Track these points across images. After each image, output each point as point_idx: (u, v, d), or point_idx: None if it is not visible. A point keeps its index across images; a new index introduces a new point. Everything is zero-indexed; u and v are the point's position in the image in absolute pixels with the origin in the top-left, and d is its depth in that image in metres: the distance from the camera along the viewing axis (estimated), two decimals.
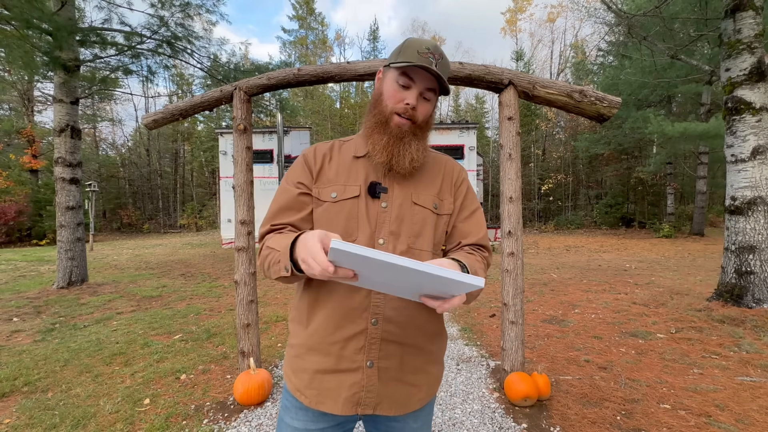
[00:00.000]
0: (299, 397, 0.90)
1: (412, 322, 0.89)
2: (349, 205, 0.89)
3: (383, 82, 0.93)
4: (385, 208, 0.90)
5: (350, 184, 0.91)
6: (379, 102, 0.91)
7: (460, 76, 2.47)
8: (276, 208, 0.93)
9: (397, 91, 0.88)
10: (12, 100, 19.76)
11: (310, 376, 0.88)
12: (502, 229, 2.54)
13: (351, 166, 0.94)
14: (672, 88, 12.82)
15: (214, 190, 26.74)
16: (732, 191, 4.17)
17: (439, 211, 0.94)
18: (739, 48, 4.05)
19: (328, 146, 0.98)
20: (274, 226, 0.91)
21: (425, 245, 0.91)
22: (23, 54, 5.06)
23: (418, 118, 0.90)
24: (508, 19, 32.69)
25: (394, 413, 0.90)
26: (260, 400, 2.43)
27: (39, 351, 3.41)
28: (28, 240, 16.69)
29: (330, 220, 0.89)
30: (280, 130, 11.27)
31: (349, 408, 0.86)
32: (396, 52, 0.90)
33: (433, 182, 0.96)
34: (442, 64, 0.87)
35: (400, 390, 0.89)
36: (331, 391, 0.86)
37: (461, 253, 0.92)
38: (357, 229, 0.88)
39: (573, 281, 6.33)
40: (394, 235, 0.89)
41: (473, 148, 13.40)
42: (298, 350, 0.92)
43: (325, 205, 0.90)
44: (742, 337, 3.39)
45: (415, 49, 0.85)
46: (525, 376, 2.41)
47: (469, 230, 0.98)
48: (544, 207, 26.38)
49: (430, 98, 0.90)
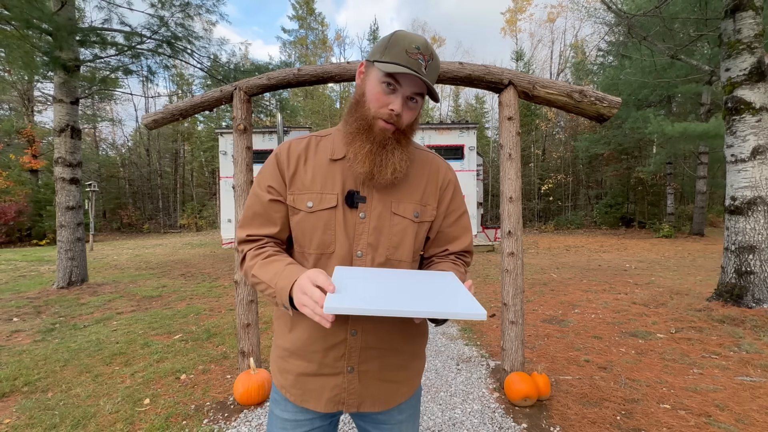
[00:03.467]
0: (285, 393, 0.91)
1: (391, 329, 0.89)
2: (325, 216, 0.85)
3: (366, 80, 0.84)
4: (363, 218, 0.86)
5: (327, 192, 0.86)
6: (361, 104, 0.84)
7: (460, 76, 2.47)
8: (250, 213, 0.90)
9: (382, 94, 0.81)
10: (12, 100, 19.76)
11: (294, 378, 0.89)
12: (502, 229, 2.54)
13: (328, 171, 0.87)
14: (672, 88, 12.82)
15: (214, 190, 26.74)
16: (732, 191, 4.17)
17: (420, 219, 0.90)
18: (739, 48, 4.05)
19: (303, 145, 0.91)
20: (251, 237, 0.89)
21: (404, 256, 0.89)
22: (23, 54, 5.07)
23: (402, 124, 0.84)
24: (508, 19, 32.73)
25: (378, 409, 0.91)
26: (260, 400, 2.43)
27: (39, 351, 3.41)
28: (28, 240, 16.69)
29: (306, 231, 0.86)
30: (280, 130, 11.23)
31: (332, 407, 0.88)
32: (382, 47, 0.81)
33: (416, 187, 0.91)
34: (432, 66, 0.81)
35: (381, 388, 0.90)
36: (314, 392, 0.88)
37: (449, 266, 0.93)
38: (334, 241, 0.85)
39: (573, 281, 6.33)
40: (372, 247, 0.86)
41: (473, 148, 13.40)
42: (281, 352, 0.92)
43: (301, 214, 0.86)
44: (742, 337, 3.39)
45: (404, 48, 0.78)
46: (525, 376, 2.41)
47: (456, 235, 0.97)
48: (544, 207, 26.38)
49: (416, 102, 0.84)
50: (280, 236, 0.90)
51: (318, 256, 0.86)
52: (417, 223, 0.90)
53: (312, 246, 0.86)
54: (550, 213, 26.14)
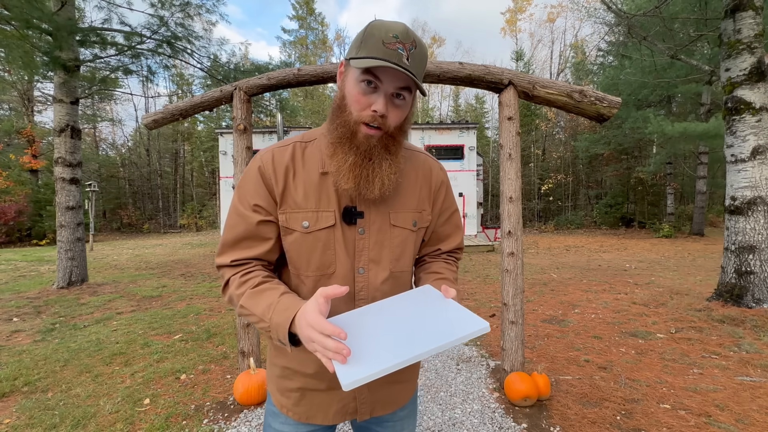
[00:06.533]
0: (287, 413, 0.87)
1: None
2: (324, 235, 0.78)
3: (345, 81, 0.75)
4: (362, 234, 0.81)
5: (323, 210, 0.79)
6: (342, 108, 0.75)
7: (460, 76, 2.48)
8: (233, 237, 0.79)
9: (362, 94, 0.72)
10: (12, 100, 19.75)
11: (299, 396, 0.85)
12: (502, 229, 2.54)
13: (320, 186, 0.79)
14: (672, 88, 12.82)
15: (214, 190, 26.73)
16: (732, 191, 4.17)
17: (418, 226, 0.87)
18: (739, 48, 4.05)
19: (288, 155, 0.80)
20: (236, 262, 0.79)
21: (406, 265, 0.87)
22: (23, 54, 5.06)
23: (390, 126, 0.74)
24: (507, 19, 32.71)
25: (390, 411, 0.91)
26: (260, 400, 2.43)
27: (39, 351, 3.41)
28: (28, 240, 16.68)
29: (303, 252, 0.79)
30: (280, 130, 11.24)
31: (340, 418, 0.86)
32: (357, 42, 0.72)
33: (411, 194, 0.86)
34: (416, 55, 0.70)
35: (391, 390, 0.90)
36: (321, 406, 0.85)
37: (442, 265, 0.92)
38: (335, 261, 0.79)
39: (573, 281, 6.33)
40: (374, 262, 0.82)
41: (473, 148, 13.40)
42: (283, 372, 0.87)
43: (296, 234, 0.79)
44: (742, 337, 3.39)
45: (380, 38, 0.68)
46: (525, 376, 2.41)
47: (448, 234, 0.96)
48: (544, 207, 26.38)
49: (404, 98, 0.74)
50: (269, 258, 0.82)
51: (317, 278, 0.80)
52: (415, 232, 0.87)
53: (310, 268, 0.80)
54: (550, 213, 26.14)
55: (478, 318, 0.65)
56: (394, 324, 0.69)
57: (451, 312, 0.70)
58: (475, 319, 0.65)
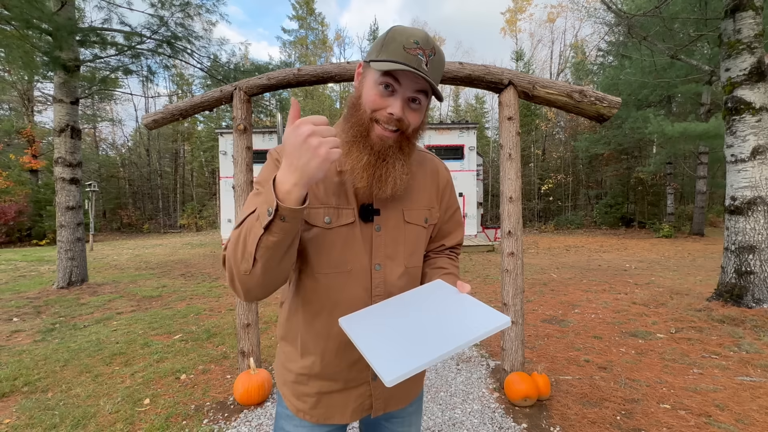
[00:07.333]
0: (303, 417, 0.87)
1: None
2: (344, 232, 0.80)
3: (363, 82, 0.78)
4: (379, 231, 0.83)
5: (343, 207, 0.80)
6: (357, 107, 0.77)
7: (460, 76, 2.48)
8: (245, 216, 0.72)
9: (379, 96, 0.73)
10: (12, 100, 19.76)
11: (316, 399, 0.87)
12: (502, 229, 2.54)
13: (339, 183, 0.81)
14: (672, 88, 12.82)
15: (214, 190, 26.75)
16: (732, 191, 4.17)
17: (429, 223, 0.92)
18: (739, 48, 4.05)
19: None
20: None
21: (418, 261, 0.91)
22: (23, 54, 5.06)
23: (409, 128, 0.76)
24: (507, 19, 32.71)
25: (403, 405, 0.94)
26: (260, 400, 2.43)
27: (39, 351, 3.41)
28: (28, 240, 16.68)
29: (323, 248, 0.80)
30: (280, 130, 11.26)
31: (357, 415, 0.88)
32: (378, 46, 0.74)
33: (422, 192, 0.90)
34: (435, 61, 0.73)
35: (402, 385, 0.91)
36: (338, 407, 0.87)
37: (446, 261, 0.96)
38: (354, 257, 0.81)
39: (573, 281, 6.32)
40: (390, 258, 0.84)
41: (473, 148, 13.40)
42: (297, 378, 0.87)
43: (316, 230, 0.78)
44: (742, 337, 3.39)
45: (401, 44, 0.70)
46: (525, 376, 2.41)
47: (451, 230, 1.00)
48: (544, 207, 26.39)
49: (419, 103, 0.76)
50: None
51: (333, 275, 0.80)
52: (426, 228, 0.91)
53: (328, 265, 0.80)
54: (550, 213, 26.14)
55: (498, 312, 0.66)
56: (419, 319, 0.70)
57: (470, 307, 0.71)
58: (496, 314, 0.66)
